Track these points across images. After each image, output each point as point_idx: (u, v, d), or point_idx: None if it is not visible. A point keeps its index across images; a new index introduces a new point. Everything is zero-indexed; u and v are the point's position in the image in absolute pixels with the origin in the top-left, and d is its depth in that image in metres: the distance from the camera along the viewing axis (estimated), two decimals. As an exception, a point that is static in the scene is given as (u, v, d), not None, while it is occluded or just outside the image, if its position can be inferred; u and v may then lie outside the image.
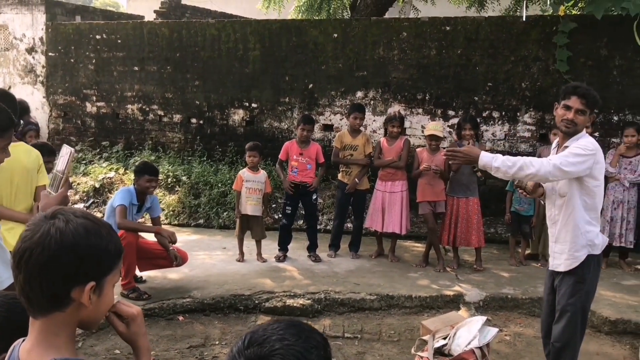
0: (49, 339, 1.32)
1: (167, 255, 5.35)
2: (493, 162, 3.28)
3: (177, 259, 5.32)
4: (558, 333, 3.52)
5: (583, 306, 3.50)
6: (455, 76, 8.13)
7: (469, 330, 3.89)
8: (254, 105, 9.28)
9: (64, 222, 1.30)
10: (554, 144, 3.70)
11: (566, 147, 3.45)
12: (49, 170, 5.10)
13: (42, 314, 1.32)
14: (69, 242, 1.28)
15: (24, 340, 1.38)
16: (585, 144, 3.35)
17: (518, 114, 7.93)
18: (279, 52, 9.00)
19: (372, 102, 8.52)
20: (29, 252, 1.28)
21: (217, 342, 4.68)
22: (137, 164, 5.92)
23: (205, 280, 5.66)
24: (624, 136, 6.35)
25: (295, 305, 5.22)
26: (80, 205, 8.60)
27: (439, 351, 3.89)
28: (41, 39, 10.64)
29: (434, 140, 6.26)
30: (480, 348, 3.76)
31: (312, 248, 6.58)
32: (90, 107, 10.41)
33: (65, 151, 2.74)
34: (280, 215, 7.42)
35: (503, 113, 7.98)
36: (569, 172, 3.29)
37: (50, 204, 2.62)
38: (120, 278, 5.13)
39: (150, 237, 5.51)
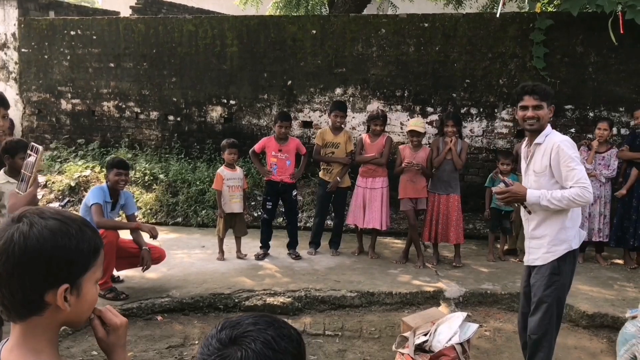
0: (29, 342, 1.28)
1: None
2: (540, 201, 3.43)
3: (145, 262, 5.15)
4: (534, 325, 3.56)
5: (559, 298, 3.54)
6: (433, 73, 8.16)
7: (450, 326, 3.90)
8: (232, 102, 9.21)
9: (27, 226, 1.24)
10: (524, 144, 3.74)
11: (538, 144, 3.52)
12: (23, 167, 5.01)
13: (20, 320, 1.28)
14: (33, 247, 1.22)
15: (7, 340, 1.34)
16: (566, 149, 3.40)
17: (495, 110, 7.99)
18: (257, 48, 8.94)
19: (351, 98, 8.51)
20: None
21: (196, 342, 4.62)
22: (107, 159, 5.84)
23: (184, 279, 5.60)
24: (597, 129, 6.43)
25: (275, 303, 5.19)
26: (56, 204, 8.44)
27: (419, 347, 3.90)
28: (13, 34, 10.43)
29: (415, 136, 6.26)
30: (461, 344, 3.77)
31: (292, 245, 6.55)
32: (65, 104, 10.24)
33: (34, 150, 2.66)
34: (259, 213, 7.39)
35: (481, 109, 8.03)
36: (587, 180, 3.40)
37: (19, 204, 2.55)
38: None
39: (126, 235, 5.43)
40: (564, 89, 7.65)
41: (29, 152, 2.68)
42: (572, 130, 7.63)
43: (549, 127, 3.57)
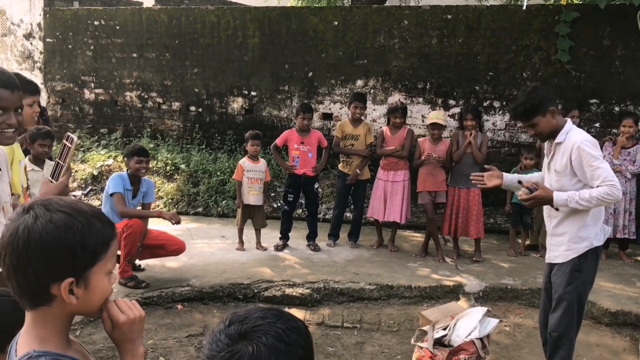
0: (37, 329, 1.30)
1: (165, 245, 5.32)
2: (568, 203, 3.33)
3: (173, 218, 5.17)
4: (555, 322, 3.51)
5: (580, 295, 3.47)
6: (456, 65, 8.08)
7: (470, 321, 3.88)
8: (253, 93, 9.22)
9: (32, 219, 1.25)
10: (546, 145, 3.66)
11: (558, 143, 3.43)
12: (46, 154, 5.08)
13: (30, 308, 1.30)
14: (36, 241, 1.23)
15: None
16: (587, 149, 3.31)
17: (519, 104, 7.87)
18: (278, 39, 8.93)
19: (372, 90, 8.47)
20: (3, 251, 1.25)
21: (216, 331, 4.65)
22: (127, 147, 5.85)
23: (204, 269, 5.64)
24: (622, 126, 6.30)
25: (294, 294, 5.20)
26: (79, 193, 8.56)
27: (438, 342, 3.88)
28: (39, 24, 10.55)
29: (436, 129, 6.20)
30: (481, 339, 3.75)
31: (311, 237, 6.56)
32: (88, 94, 10.35)
33: (69, 139, 2.69)
34: (279, 204, 7.41)
35: (504, 103, 7.93)
36: (614, 177, 3.31)
37: (50, 193, 2.57)
38: (117, 265, 5.11)
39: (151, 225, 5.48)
40: (589, 83, 7.52)
41: (64, 142, 2.71)
42: (597, 125, 7.51)
43: (568, 122, 3.46)
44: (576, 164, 3.35)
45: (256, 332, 1.12)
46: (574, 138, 3.37)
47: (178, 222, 5.20)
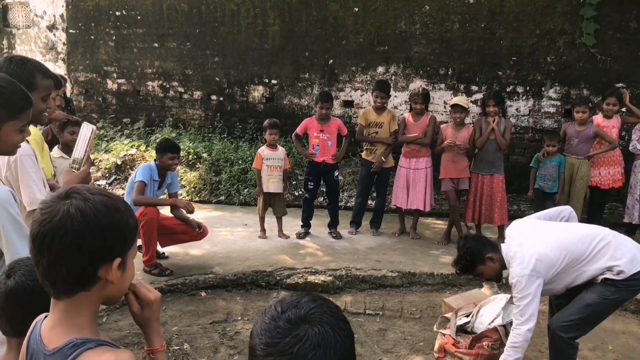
0: (72, 318, 1.30)
1: (187, 231, 5.38)
2: None
3: (200, 227, 5.40)
4: (556, 317, 3.43)
5: (598, 309, 3.27)
6: (478, 50, 7.97)
7: (493, 308, 3.87)
8: (273, 81, 9.22)
9: (82, 201, 1.26)
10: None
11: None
12: (74, 142, 5.18)
13: (67, 296, 1.29)
14: (91, 220, 1.25)
15: (46, 316, 1.37)
16: (513, 288, 3.27)
17: (543, 89, 7.77)
18: (298, 27, 8.90)
19: (393, 77, 8.40)
20: (50, 235, 1.23)
21: (239, 318, 4.71)
22: (158, 141, 5.93)
23: (226, 257, 5.69)
24: None
25: (316, 281, 5.23)
26: (102, 182, 8.67)
27: (461, 329, 3.88)
28: (62, 15, 10.66)
29: (458, 112, 6.13)
30: (504, 326, 3.73)
31: (333, 225, 6.57)
32: (111, 84, 10.44)
33: (86, 129, 2.72)
34: (300, 192, 7.43)
35: (527, 88, 7.82)
36: (532, 317, 3.20)
37: (73, 182, 2.60)
38: (142, 254, 5.18)
39: (169, 213, 5.54)
40: (615, 67, 7.37)
41: (82, 134, 2.74)
42: (624, 109, 7.35)
43: (504, 257, 3.39)
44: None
45: (315, 314, 1.14)
46: (513, 275, 3.29)
47: (192, 212, 5.28)
